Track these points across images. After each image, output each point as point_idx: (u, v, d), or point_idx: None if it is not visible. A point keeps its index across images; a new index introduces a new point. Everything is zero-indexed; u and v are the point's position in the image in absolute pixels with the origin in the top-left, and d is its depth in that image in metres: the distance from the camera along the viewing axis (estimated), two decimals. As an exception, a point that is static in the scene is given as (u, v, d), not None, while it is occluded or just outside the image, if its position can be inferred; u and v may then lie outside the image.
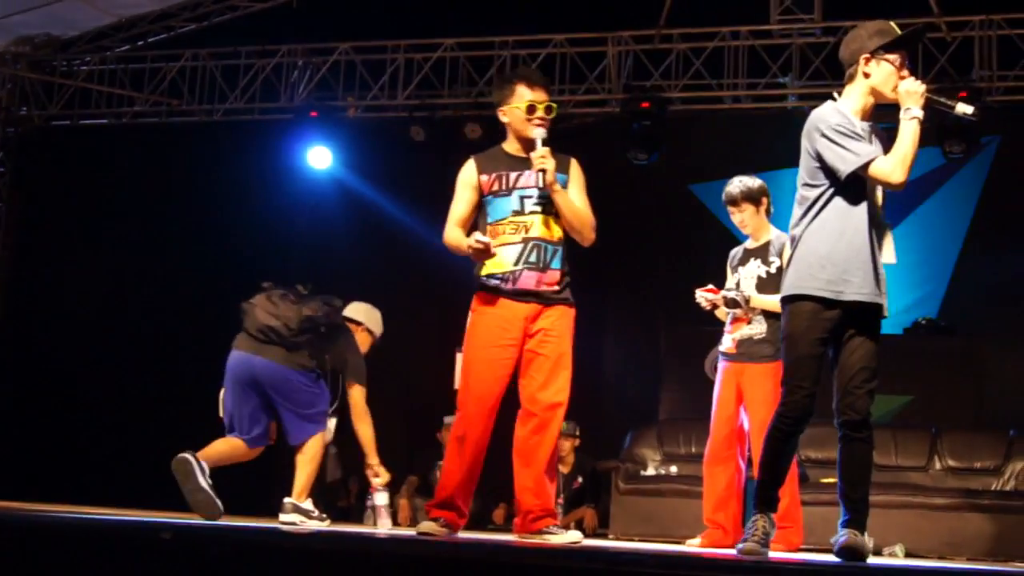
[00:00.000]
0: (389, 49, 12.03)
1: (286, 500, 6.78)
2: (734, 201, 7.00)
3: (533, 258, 5.52)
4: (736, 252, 7.20)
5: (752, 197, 6.95)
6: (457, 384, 5.79)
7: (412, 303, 11.46)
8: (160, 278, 12.35)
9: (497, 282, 5.55)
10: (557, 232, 5.59)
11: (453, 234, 5.64)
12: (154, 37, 12.74)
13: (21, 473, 10.75)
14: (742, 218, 6.96)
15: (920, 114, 4.91)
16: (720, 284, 7.11)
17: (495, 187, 5.61)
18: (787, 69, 11.14)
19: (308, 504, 6.79)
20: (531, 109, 5.62)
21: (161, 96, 12.54)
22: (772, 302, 6.76)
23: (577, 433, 10.20)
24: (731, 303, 6.86)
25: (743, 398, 6.86)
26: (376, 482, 7.07)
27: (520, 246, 5.52)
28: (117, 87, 12.61)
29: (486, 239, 5.45)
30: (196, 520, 6.05)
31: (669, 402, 10.96)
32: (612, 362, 12.00)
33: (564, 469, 10.11)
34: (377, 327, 7.69)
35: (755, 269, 6.92)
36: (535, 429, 5.49)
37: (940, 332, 11.38)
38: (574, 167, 5.72)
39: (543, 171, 5.48)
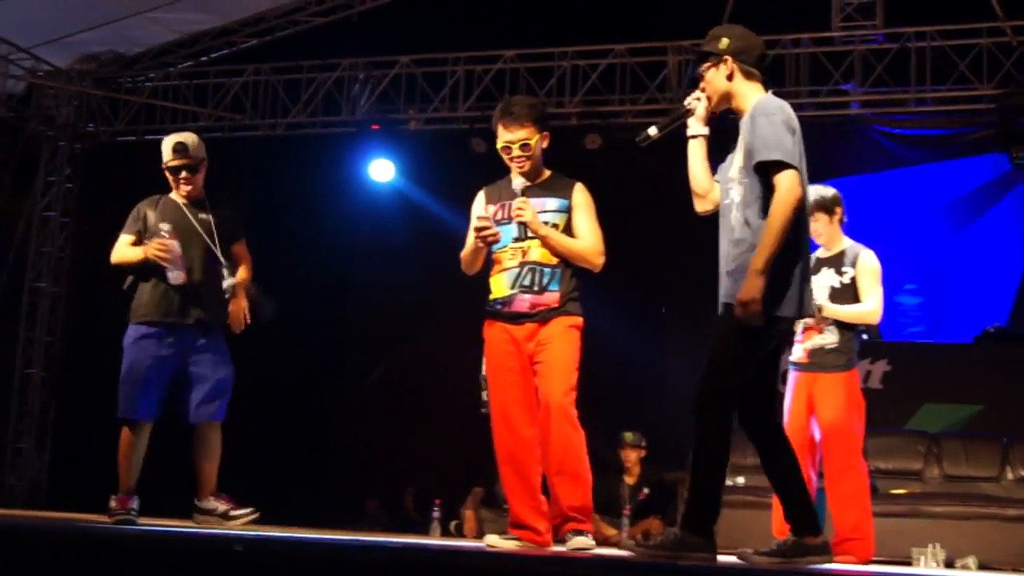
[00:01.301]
0: (449, 62, 12.07)
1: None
2: (809, 211, 6.93)
3: (527, 281, 5.60)
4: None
5: (826, 206, 6.87)
6: (483, 408, 5.92)
7: (474, 314, 11.45)
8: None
9: (498, 307, 5.68)
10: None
11: (465, 251, 5.79)
12: (217, 53, 12.88)
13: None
14: (815, 227, 6.88)
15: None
16: None
17: (499, 216, 5.71)
18: (849, 76, 11.05)
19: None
20: (505, 150, 5.73)
21: (224, 111, 12.65)
22: (845, 312, 6.70)
23: (643, 444, 10.15)
24: None
25: (814, 408, 6.79)
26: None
27: (516, 270, 5.62)
28: (181, 103, 12.74)
29: (485, 215, 5.65)
30: (270, 532, 6.09)
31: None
32: (677, 373, 11.92)
33: (630, 480, 10.08)
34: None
35: (828, 279, 6.84)
36: (542, 430, 5.56)
37: (1010, 340, 11.22)
38: (578, 192, 5.74)
39: (522, 223, 5.57)
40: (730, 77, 4.95)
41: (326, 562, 3.24)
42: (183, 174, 6.40)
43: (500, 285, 5.67)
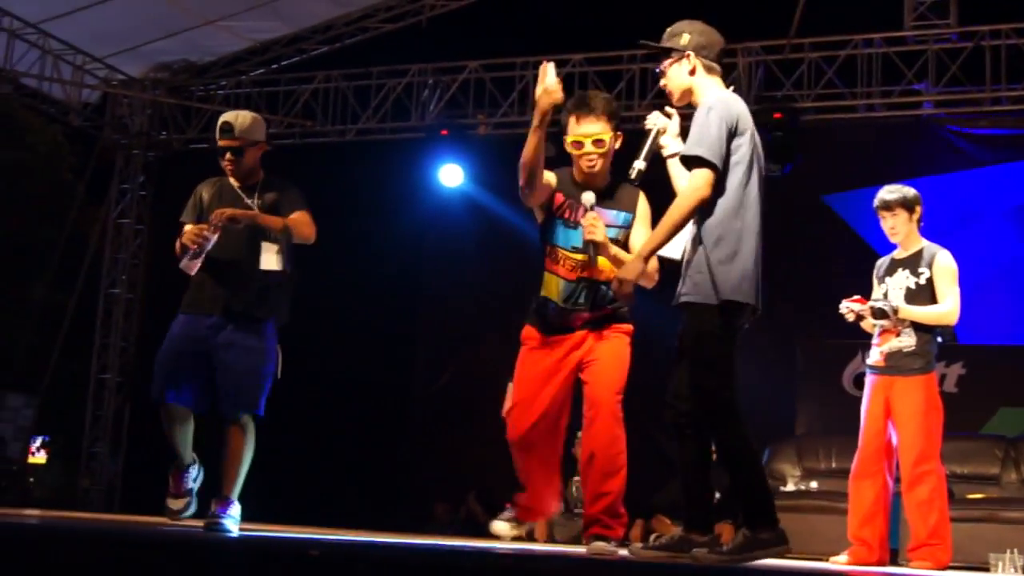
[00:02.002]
0: (518, 66, 12.08)
1: None
2: (888, 206, 6.83)
3: (582, 299, 5.42)
4: (883, 262, 7.03)
5: (907, 204, 6.80)
6: (504, 411, 5.89)
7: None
8: (292, 299, 12.50)
9: (548, 312, 5.46)
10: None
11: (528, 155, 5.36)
12: (287, 60, 12.98)
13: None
14: (894, 224, 6.80)
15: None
16: (861, 295, 6.95)
17: (566, 214, 5.45)
18: (923, 76, 10.93)
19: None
20: (576, 145, 5.42)
21: (295, 118, 12.75)
22: (922, 313, 6.62)
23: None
24: (879, 314, 6.70)
25: (891, 412, 6.70)
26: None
27: (573, 284, 5.41)
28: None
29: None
30: (345, 537, 6.10)
31: (806, 416, 10.78)
32: (745, 376, 11.80)
33: (701, 484, 10.01)
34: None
35: (904, 280, 6.76)
36: (586, 425, 5.40)
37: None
38: (641, 204, 5.53)
39: (593, 242, 5.27)
40: (692, 72, 4.96)
41: (396, 566, 3.25)
42: (227, 155, 5.95)
43: (553, 290, 5.46)
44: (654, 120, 5.15)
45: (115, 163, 13.58)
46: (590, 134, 5.38)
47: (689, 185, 4.72)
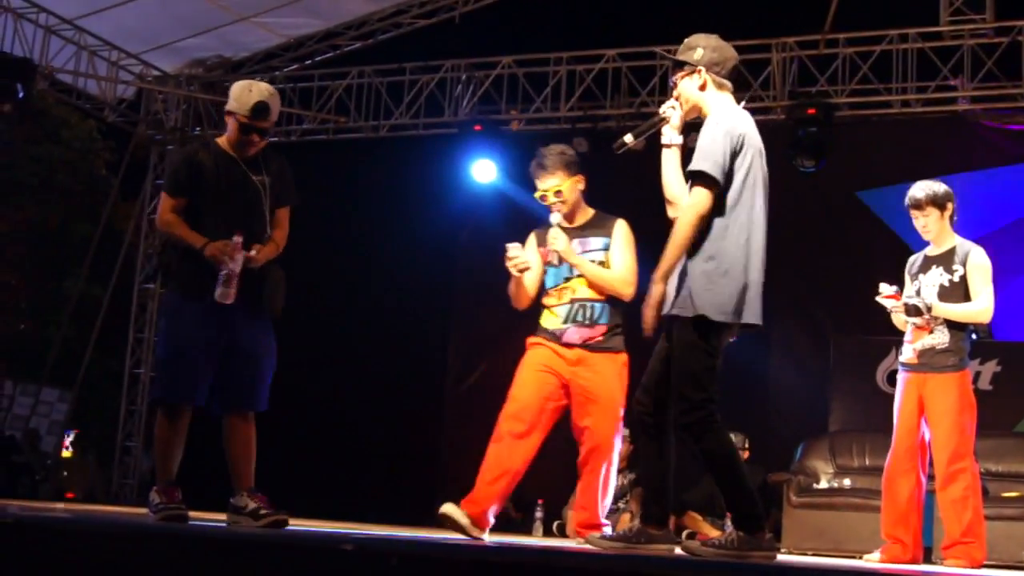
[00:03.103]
0: (551, 61, 12.08)
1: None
2: (918, 205, 6.78)
3: (580, 316, 6.03)
4: (916, 259, 6.98)
5: (937, 201, 6.74)
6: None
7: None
8: (326, 294, 12.55)
9: (549, 334, 6.09)
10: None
11: (510, 288, 6.19)
12: (321, 56, 13.03)
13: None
14: (925, 223, 6.74)
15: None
16: (897, 289, 6.89)
17: (549, 259, 6.08)
18: (958, 71, 10.86)
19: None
20: (542, 198, 6.15)
21: (328, 114, 12.79)
22: (956, 311, 6.56)
23: (746, 445, 10.05)
24: (913, 311, 6.64)
25: (924, 410, 6.66)
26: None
27: (568, 306, 6.05)
28: (286, 106, 12.88)
29: (515, 246, 6.05)
30: (377, 531, 6.10)
31: (840, 413, 10.72)
32: (779, 373, 11.80)
33: (734, 482, 9.99)
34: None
35: (937, 277, 6.71)
36: (582, 460, 6.05)
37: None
38: (618, 228, 6.14)
39: (555, 251, 5.99)
40: (702, 88, 5.02)
41: (429, 561, 3.25)
42: (253, 136, 5.61)
43: (554, 318, 6.09)
44: (664, 108, 5.21)
45: (150, 159, 13.65)
46: (549, 188, 6.09)
47: (689, 201, 4.79)
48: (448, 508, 5.89)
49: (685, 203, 4.82)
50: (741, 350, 5.38)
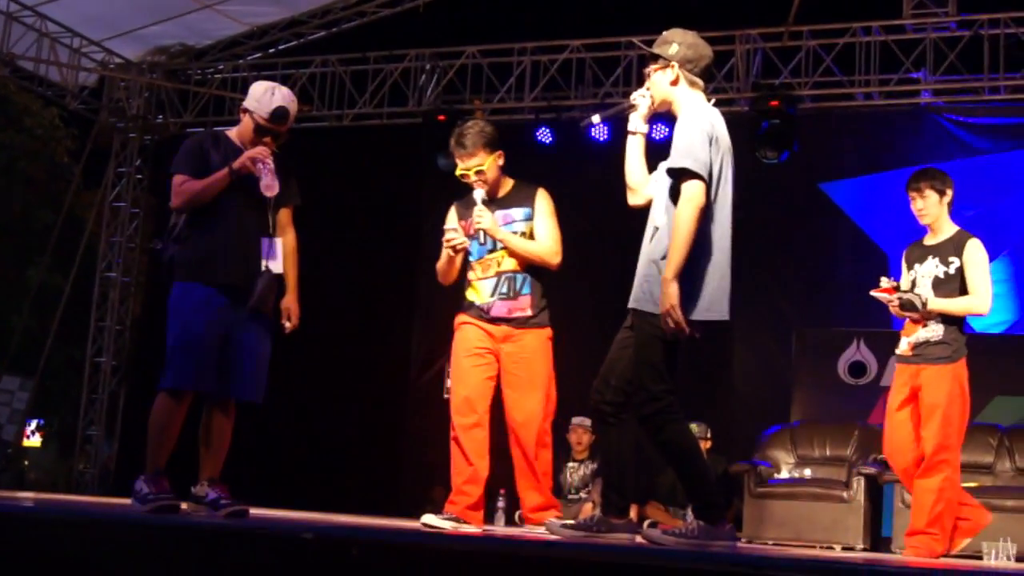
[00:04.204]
0: (516, 51, 12.07)
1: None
2: (917, 187, 6.76)
3: (504, 289, 6.11)
4: (913, 248, 6.93)
5: (935, 185, 6.73)
6: (446, 394, 6.35)
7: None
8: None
9: (476, 310, 6.14)
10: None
11: (440, 264, 6.25)
12: (285, 44, 12.98)
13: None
14: (923, 205, 6.72)
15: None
16: (868, 287, 6.87)
17: (471, 230, 6.12)
18: (921, 64, 10.92)
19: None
20: (464, 176, 6.17)
21: (292, 102, 12.73)
22: (953, 306, 6.55)
23: (708, 435, 10.08)
24: (908, 306, 6.62)
25: (918, 400, 6.66)
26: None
27: (494, 280, 6.13)
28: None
29: (453, 227, 6.12)
30: (338, 521, 6.09)
31: (801, 404, 10.78)
32: (742, 363, 11.85)
33: (695, 471, 10.02)
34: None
35: (932, 268, 6.66)
36: (513, 442, 6.11)
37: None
38: (540, 198, 6.19)
39: (481, 229, 6.03)
40: (674, 83, 5.05)
41: (389, 550, 3.26)
42: (267, 139, 5.61)
43: (479, 293, 6.15)
44: (634, 96, 5.26)
45: (112, 146, 13.56)
46: (471, 167, 6.10)
47: (683, 198, 4.77)
48: (427, 519, 5.87)
49: (680, 204, 4.77)
50: (704, 340, 5.40)
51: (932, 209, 6.71)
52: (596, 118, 5.24)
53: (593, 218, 10.56)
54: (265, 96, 5.64)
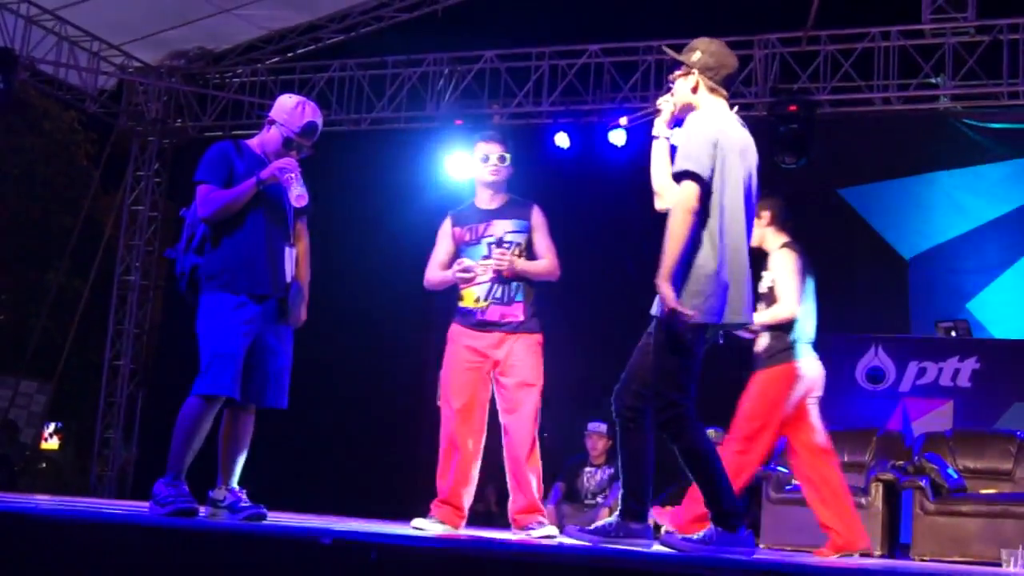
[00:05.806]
0: (533, 56, 12.07)
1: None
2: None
3: (499, 294, 6.27)
4: None
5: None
6: (439, 401, 6.59)
7: (561, 309, 11.45)
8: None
9: (469, 314, 6.31)
10: None
11: (435, 273, 6.50)
12: (303, 48, 13.00)
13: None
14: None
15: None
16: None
17: (467, 238, 6.37)
18: (939, 69, 10.89)
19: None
20: (485, 158, 6.40)
21: (310, 106, 12.75)
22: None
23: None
24: None
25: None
26: None
27: (488, 285, 6.28)
28: (268, 98, 12.84)
29: (469, 263, 6.25)
30: (357, 524, 6.10)
31: (820, 410, 10.73)
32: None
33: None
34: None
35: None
36: (507, 445, 6.32)
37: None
38: (535, 215, 6.39)
39: (502, 271, 6.22)
40: (695, 89, 5.08)
41: (408, 556, 3.26)
42: (293, 152, 5.62)
43: (473, 297, 6.29)
44: (660, 101, 5.30)
45: (130, 150, 13.61)
46: (497, 151, 6.38)
47: (676, 199, 4.80)
48: (418, 522, 6.12)
49: (674, 205, 4.81)
50: (721, 345, 5.40)
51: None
52: (624, 120, 5.28)
53: (610, 222, 10.54)
54: (296, 110, 5.63)
